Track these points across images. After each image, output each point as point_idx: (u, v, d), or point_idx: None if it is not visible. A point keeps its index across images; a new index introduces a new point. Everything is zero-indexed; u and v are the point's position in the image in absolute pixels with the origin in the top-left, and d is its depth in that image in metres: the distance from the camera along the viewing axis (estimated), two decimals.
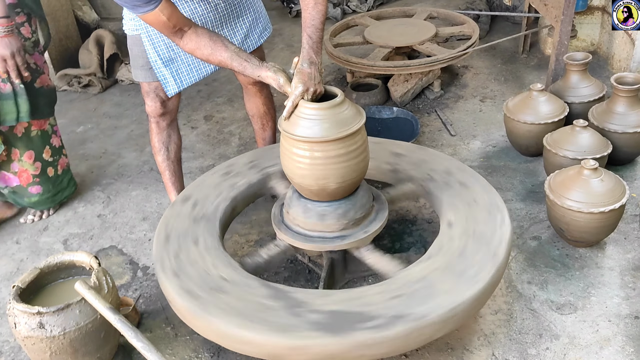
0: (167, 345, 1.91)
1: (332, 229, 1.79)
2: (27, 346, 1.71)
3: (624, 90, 2.36)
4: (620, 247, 2.11)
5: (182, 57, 2.11)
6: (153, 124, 2.27)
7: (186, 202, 1.99)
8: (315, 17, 1.73)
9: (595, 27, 3.49)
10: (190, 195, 2.02)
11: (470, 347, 1.79)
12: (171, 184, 2.38)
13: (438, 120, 3.07)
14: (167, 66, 2.09)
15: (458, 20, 3.59)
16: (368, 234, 1.81)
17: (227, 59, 1.78)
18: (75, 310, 1.67)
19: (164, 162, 2.34)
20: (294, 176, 1.77)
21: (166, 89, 2.13)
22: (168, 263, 1.73)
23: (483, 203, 1.84)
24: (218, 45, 1.78)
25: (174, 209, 1.97)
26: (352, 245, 1.81)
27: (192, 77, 2.15)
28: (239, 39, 2.17)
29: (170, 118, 2.28)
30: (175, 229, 1.87)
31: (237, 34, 2.16)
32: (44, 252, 2.42)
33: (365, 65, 3.13)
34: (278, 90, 1.74)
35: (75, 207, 2.70)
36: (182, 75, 2.13)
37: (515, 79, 3.41)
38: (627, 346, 1.74)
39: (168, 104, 2.22)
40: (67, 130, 3.43)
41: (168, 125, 2.29)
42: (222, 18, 2.10)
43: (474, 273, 1.58)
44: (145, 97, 2.20)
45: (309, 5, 1.74)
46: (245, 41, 2.19)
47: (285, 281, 2.10)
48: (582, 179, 2.03)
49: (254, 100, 2.44)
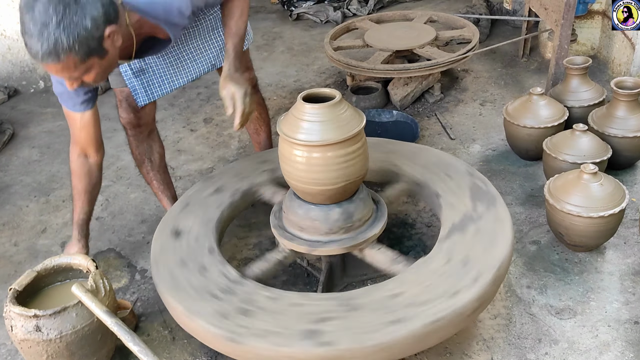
0: (164, 348, 1.90)
1: (332, 231, 1.79)
2: (23, 349, 1.70)
3: (624, 95, 2.36)
4: (620, 252, 2.10)
5: (154, 68, 2.03)
6: (130, 136, 2.19)
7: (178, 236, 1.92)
8: (240, 28, 1.84)
9: (596, 31, 3.49)
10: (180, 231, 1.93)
11: (469, 351, 1.78)
12: (161, 193, 2.33)
13: (438, 124, 3.07)
14: (137, 77, 2.02)
15: (458, 24, 3.59)
16: (369, 236, 1.80)
17: (76, 199, 2.11)
18: (72, 314, 1.67)
19: (149, 173, 2.29)
20: (292, 179, 1.76)
21: (136, 99, 2.06)
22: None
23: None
24: (82, 182, 2.07)
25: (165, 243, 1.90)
26: (354, 248, 1.80)
27: (163, 88, 2.07)
28: (215, 51, 2.12)
29: (148, 129, 2.20)
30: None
31: (212, 47, 2.11)
32: (42, 255, 2.41)
33: (365, 68, 3.13)
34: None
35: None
36: (153, 87, 2.05)
37: (515, 83, 3.40)
38: (626, 351, 1.73)
39: (142, 115, 2.13)
40: (66, 133, 3.39)
41: (147, 136, 2.22)
42: (190, 38, 2.05)
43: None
44: (119, 106, 2.13)
45: (235, 15, 1.84)
46: (219, 55, 2.13)
47: (283, 285, 2.10)
48: (582, 183, 2.02)
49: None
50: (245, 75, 2.05)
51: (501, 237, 1.72)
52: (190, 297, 1.63)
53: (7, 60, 3.93)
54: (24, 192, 2.88)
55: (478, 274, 1.60)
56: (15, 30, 3.81)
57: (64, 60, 1.46)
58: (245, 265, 2.20)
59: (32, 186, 2.92)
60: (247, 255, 2.28)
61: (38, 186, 2.92)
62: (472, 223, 1.78)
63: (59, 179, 2.96)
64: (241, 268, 1.82)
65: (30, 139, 3.39)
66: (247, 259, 2.25)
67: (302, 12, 4.85)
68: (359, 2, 4.88)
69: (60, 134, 3.41)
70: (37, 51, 1.44)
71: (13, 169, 3.10)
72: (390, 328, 1.46)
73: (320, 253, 1.82)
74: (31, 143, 3.35)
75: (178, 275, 1.72)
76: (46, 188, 2.89)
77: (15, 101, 3.89)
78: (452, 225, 1.80)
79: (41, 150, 3.26)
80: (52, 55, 1.44)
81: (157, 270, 1.76)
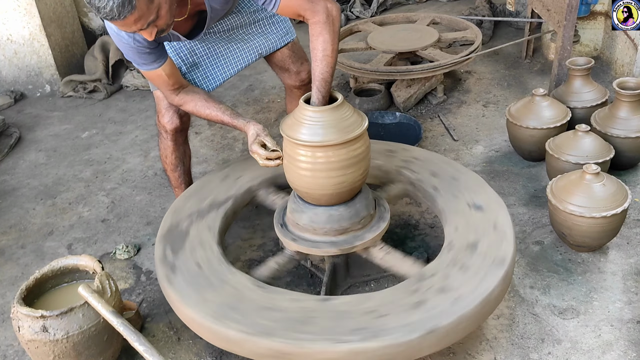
0: (170, 349, 1.92)
1: (335, 232, 1.80)
2: (30, 350, 1.72)
3: (626, 95, 2.36)
4: (623, 252, 2.11)
5: (205, 61, 2.12)
6: (170, 140, 2.21)
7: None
8: (324, 71, 1.75)
9: (598, 32, 3.49)
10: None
11: (472, 351, 1.79)
12: None
13: (441, 125, 3.08)
14: (192, 71, 2.10)
15: (461, 26, 3.60)
16: (370, 238, 1.81)
17: (220, 114, 1.98)
18: (79, 314, 1.68)
19: (181, 177, 2.33)
20: (295, 181, 1.78)
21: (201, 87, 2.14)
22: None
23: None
24: (210, 103, 1.99)
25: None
26: (358, 249, 1.81)
27: (217, 80, 2.16)
28: (261, 39, 2.18)
29: (186, 132, 2.26)
30: None
31: (257, 35, 2.17)
32: (49, 257, 2.43)
33: (369, 70, 3.14)
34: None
35: (79, 212, 2.72)
36: (208, 79, 2.15)
37: (518, 84, 3.41)
38: (629, 351, 1.73)
39: (186, 120, 2.20)
40: (72, 136, 3.46)
41: (184, 140, 2.27)
42: (235, 27, 2.11)
43: None
44: (164, 112, 2.14)
45: (317, 57, 1.77)
46: (265, 44, 2.19)
47: (287, 286, 2.11)
48: (584, 184, 2.03)
49: (296, 103, 2.45)
50: (305, 66, 2.28)
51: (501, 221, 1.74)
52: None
53: (14, 65, 3.97)
54: (31, 195, 2.91)
55: (494, 260, 1.64)
56: (22, 34, 3.85)
57: (136, 6, 1.52)
58: (249, 267, 2.23)
59: (39, 189, 2.95)
60: (251, 257, 2.30)
61: (44, 189, 2.94)
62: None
63: (65, 181, 2.99)
64: (248, 270, 1.84)
65: (36, 143, 3.42)
66: (252, 260, 2.27)
67: None
68: (362, 5, 4.89)
69: (66, 137, 3.45)
70: (112, 7, 1.49)
71: (20, 172, 3.13)
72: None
73: (320, 254, 1.83)
74: (38, 146, 3.38)
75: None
76: (52, 191, 2.92)
77: (22, 105, 3.93)
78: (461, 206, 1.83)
79: (47, 154, 3.29)
80: (126, 4, 1.49)
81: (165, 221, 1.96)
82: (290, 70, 2.31)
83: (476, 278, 1.60)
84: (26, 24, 3.83)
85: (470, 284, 1.58)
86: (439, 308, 1.52)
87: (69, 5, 4.15)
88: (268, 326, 1.52)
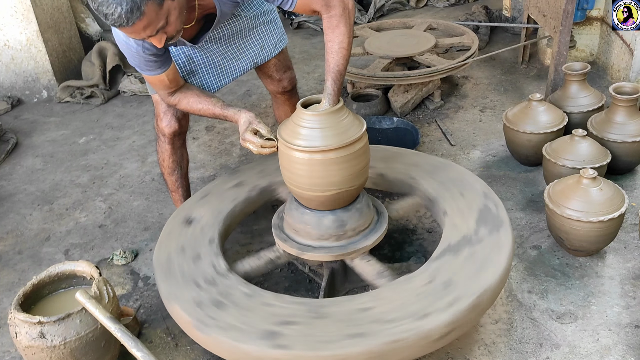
0: (167, 355, 1.91)
1: (323, 238, 1.80)
2: (28, 356, 1.71)
3: (622, 100, 2.37)
4: (620, 256, 2.11)
5: (203, 69, 2.12)
6: (168, 144, 2.22)
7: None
8: (340, 63, 1.75)
9: (594, 37, 3.51)
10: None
11: (470, 356, 1.79)
12: (184, 200, 2.35)
13: (438, 130, 3.09)
14: (188, 79, 2.10)
15: (457, 31, 3.61)
16: (366, 245, 1.81)
17: (211, 107, 1.99)
18: (76, 320, 1.68)
19: (178, 180, 2.33)
20: (290, 182, 1.78)
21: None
22: None
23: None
24: (202, 98, 2.00)
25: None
26: (344, 257, 1.82)
27: (212, 88, 2.16)
28: (257, 49, 2.19)
29: (184, 136, 2.27)
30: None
31: (253, 44, 2.18)
32: (46, 262, 2.43)
33: (366, 76, 3.15)
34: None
35: (76, 218, 2.71)
36: (205, 86, 2.15)
37: (514, 89, 3.42)
38: (627, 355, 1.74)
39: (184, 123, 2.21)
40: (69, 142, 3.46)
41: (182, 144, 2.28)
42: (233, 36, 2.11)
43: None
44: (162, 116, 2.16)
45: (333, 50, 1.75)
46: (260, 53, 2.20)
47: (285, 291, 2.11)
48: (581, 188, 2.04)
49: (283, 108, 2.47)
50: (287, 74, 2.31)
51: (493, 264, 1.65)
52: (176, 283, 1.72)
53: (11, 70, 3.97)
54: (28, 200, 2.90)
55: (455, 299, 1.54)
56: (19, 40, 3.86)
57: (145, 12, 1.51)
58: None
59: (36, 195, 2.94)
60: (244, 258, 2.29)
61: (41, 195, 2.94)
62: (468, 246, 1.72)
63: (62, 187, 2.98)
64: (232, 263, 1.86)
65: (33, 148, 3.42)
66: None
67: (302, 20, 4.89)
68: (359, 11, 4.91)
69: (63, 143, 3.44)
70: (120, 14, 1.48)
71: (17, 177, 3.12)
72: (348, 341, 1.46)
73: (309, 257, 1.83)
74: (34, 152, 3.37)
75: (173, 260, 1.81)
76: (49, 196, 2.91)
77: (19, 111, 3.93)
78: (447, 245, 1.75)
79: (44, 159, 3.28)
80: (134, 10, 1.48)
81: (158, 253, 1.85)
82: (272, 78, 2.32)
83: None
84: (23, 30, 3.83)
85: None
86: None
87: (66, 11, 4.15)
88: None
